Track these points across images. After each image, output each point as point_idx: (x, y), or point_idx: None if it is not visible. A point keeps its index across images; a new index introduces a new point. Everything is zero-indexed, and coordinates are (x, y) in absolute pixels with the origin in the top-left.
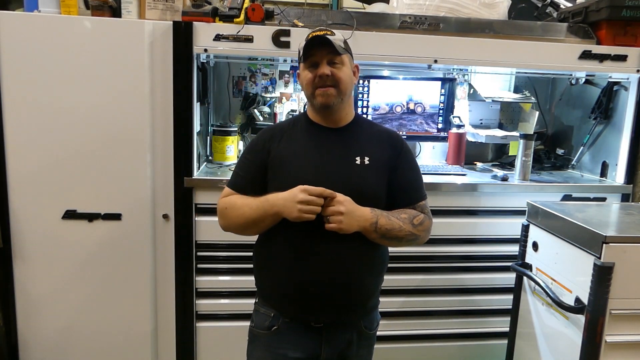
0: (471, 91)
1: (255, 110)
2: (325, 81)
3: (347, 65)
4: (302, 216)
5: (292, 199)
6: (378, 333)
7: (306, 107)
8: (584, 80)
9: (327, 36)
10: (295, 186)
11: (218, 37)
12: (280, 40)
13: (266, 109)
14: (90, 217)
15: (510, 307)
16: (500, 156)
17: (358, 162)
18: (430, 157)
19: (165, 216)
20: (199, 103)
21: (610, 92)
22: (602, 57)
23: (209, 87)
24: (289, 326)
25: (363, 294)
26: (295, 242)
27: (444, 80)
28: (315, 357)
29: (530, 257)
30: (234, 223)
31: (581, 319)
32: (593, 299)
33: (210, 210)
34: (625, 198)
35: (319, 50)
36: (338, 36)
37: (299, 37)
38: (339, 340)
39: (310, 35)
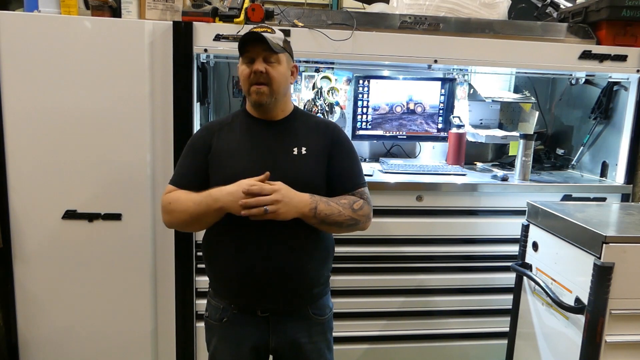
0: (471, 91)
1: None
2: (259, 78)
3: (284, 64)
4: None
5: (236, 196)
6: (379, 333)
7: (246, 101)
8: (584, 80)
9: (266, 34)
10: (234, 179)
11: (218, 37)
12: None
13: None
14: (90, 217)
15: (510, 307)
16: (500, 156)
17: (295, 152)
18: (430, 157)
19: None
20: (199, 103)
21: (610, 92)
22: (602, 57)
23: (209, 87)
24: (237, 317)
25: (305, 281)
26: (237, 232)
27: (444, 80)
28: (265, 346)
29: (530, 257)
30: (178, 219)
31: (581, 319)
32: (593, 299)
33: None
34: (625, 198)
35: (255, 47)
36: (278, 34)
37: (299, 38)
38: (288, 328)
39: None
